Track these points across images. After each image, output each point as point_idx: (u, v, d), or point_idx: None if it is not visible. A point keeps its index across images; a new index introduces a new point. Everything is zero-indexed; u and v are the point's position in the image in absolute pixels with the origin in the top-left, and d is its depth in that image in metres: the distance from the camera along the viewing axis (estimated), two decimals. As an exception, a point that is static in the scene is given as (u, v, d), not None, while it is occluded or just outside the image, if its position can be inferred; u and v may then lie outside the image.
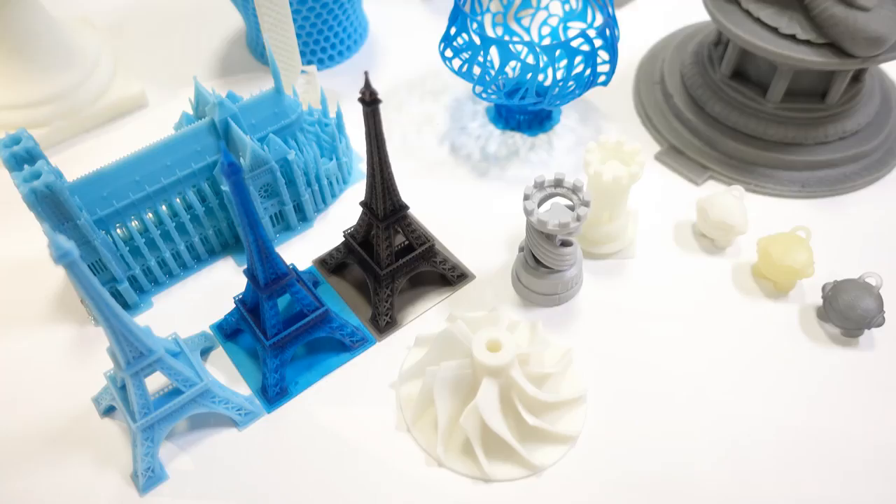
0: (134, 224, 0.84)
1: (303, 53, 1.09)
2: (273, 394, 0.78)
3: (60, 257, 0.55)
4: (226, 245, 0.92)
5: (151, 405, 0.71)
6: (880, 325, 0.79)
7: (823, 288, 0.82)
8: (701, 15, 1.01)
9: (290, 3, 0.97)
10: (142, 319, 0.85)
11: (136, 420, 0.70)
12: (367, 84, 0.66)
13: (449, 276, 0.87)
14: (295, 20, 1.03)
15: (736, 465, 0.73)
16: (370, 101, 0.68)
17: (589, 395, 0.78)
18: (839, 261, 0.86)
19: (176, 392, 0.73)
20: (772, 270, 0.84)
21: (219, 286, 0.89)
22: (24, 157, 0.75)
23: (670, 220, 0.93)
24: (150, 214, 0.84)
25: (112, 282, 0.83)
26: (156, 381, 0.74)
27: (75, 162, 0.98)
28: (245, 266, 0.75)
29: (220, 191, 0.86)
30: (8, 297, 0.88)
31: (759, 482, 0.72)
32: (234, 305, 0.81)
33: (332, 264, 0.88)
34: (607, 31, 0.90)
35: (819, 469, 0.73)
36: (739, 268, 0.88)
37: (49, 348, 0.84)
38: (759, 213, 0.92)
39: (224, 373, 0.81)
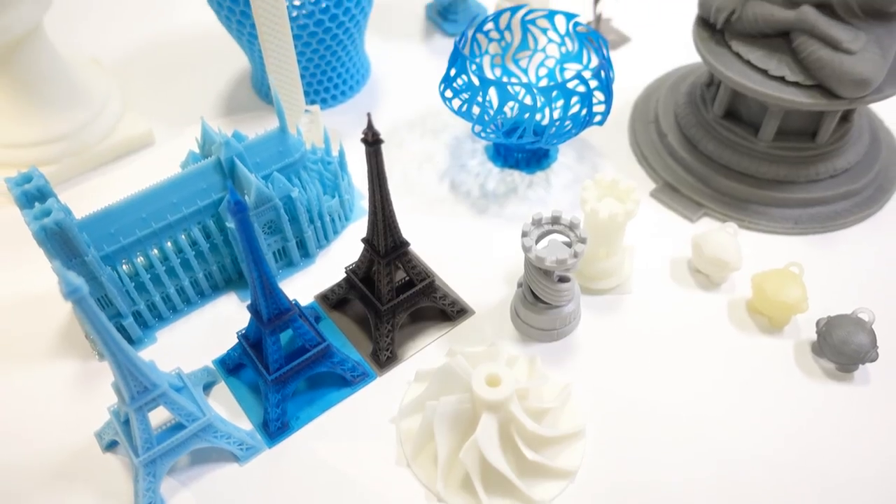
0: (140, 260, 0.85)
1: (306, 93, 1.12)
2: (274, 428, 0.79)
3: (70, 293, 0.57)
4: (229, 280, 0.93)
5: (154, 439, 0.72)
6: (874, 360, 0.80)
7: (817, 323, 0.83)
8: (693, 56, 1.04)
9: (295, 45, 1.00)
10: (146, 354, 0.86)
11: (138, 454, 0.71)
12: (370, 125, 0.69)
13: (449, 311, 0.88)
14: (299, 61, 1.06)
15: (734, 499, 0.74)
16: (373, 141, 0.70)
17: (587, 430, 0.79)
18: (832, 296, 0.88)
19: (178, 427, 0.74)
20: (766, 306, 0.85)
21: (221, 321, 0.90)
22: (35, 195, 0.77)
23: (666, 256, 0.95)
24: (156, 251, 0.86)
25: (117, 317, 0.84)
26: (158, 416, 0.75)
27: (83, 198, 1.00)
28: (248, 301, 0.77)
29: (224, 227, 0.88)
30: (14, 331, 0.90)
31: (757, 517, 0.72)
32: (236, 340, 0.83)
33: (334, 300, 0.90)
34: (602, 73, 0.93)
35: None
36: (735, 303, 0.89)
37: (53, 382, 0.85)
38: (753, 250, 0.93)
39: (226, 407, 0.82)
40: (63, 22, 1.27)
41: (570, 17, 1.01)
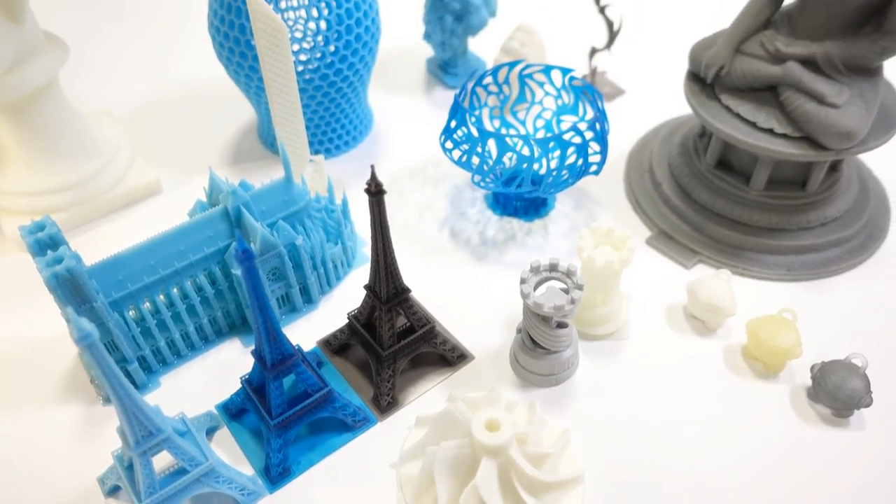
0: (146, 306, 0.87)
1: (311, 143, 1.15)
2: (276, 473, 0.79)
3: (81, 339, 0.58)
4: (233, 326, 0.95)
5: (157, 484, 0.72)
6: (868, 405, 0.81)
7: (812, 369, 0.85)
8: (685, 109, 1.07)
9: (300, 97, 1.04)
10: (150, 399, 0.87)
11: (141, 499, 0.71)
12: (374, 177, 0.71)
13: (449, 356, 0.90)
14: (304, 113, 1.09)
15: (733, 546, 0.74)
16: (375, 192, 0.73)
17: (587, 475, 0.79)
18: (825, 342, 0.89)
19: (181, 471, 0.74)
20: (761, 352, 0.87)
21: (225, 366, 0.91)
22: (48, 243, 0.79)
23: (662, 302, 0.96)
24: (162, 297, 0.88)
25: (122, 362, 0.86)
26: (161, 461, 0.76)
27: (92, 245, 1.03)
28: (251, 347, 0.78)
29: (229, 274, 0.90)
30: (20, 375, 0.91)
31: (756, 564, 0.72)
32: (239, 385, 0.84)
33: (336, 345, 0.91)
34: (598, 125, 0.96)
35: (816, 551, 0.73)
36: (730, 349, 0.91)
37: (57, 427, 0.85)
38: (747, 296, 0.95)
39: (228, 452, 0.83)
40: (77, 74, 1.31)
41: (565, 71, 1.05)
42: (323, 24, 1.01)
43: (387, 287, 0.82)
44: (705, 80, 0.99)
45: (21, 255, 1.04)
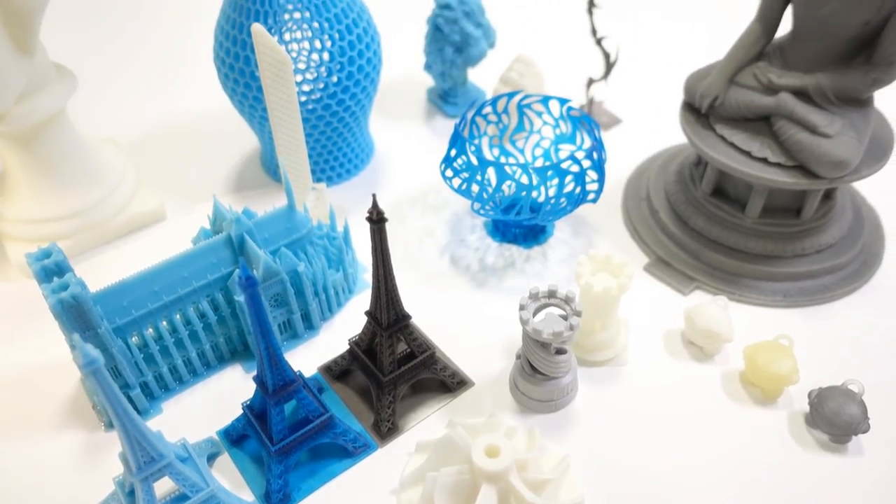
0: (149, 332, 0.88)
1: (313, 171, 1.17)
2: (276, 500, 0.80)
3: (87, 364, 0.59)
4: (234, 352, 0.96)
5: (158, 511, 0.73)
6: (866, 431, 0.81)
7: (809, 395, 0.85)
8: (681, 137, 1.09)
9: (303, 126, 1.06)
10: (152, 424, 0.88)
11: (142, 526, 0.72)
12: (375, 205, 0.73)
13: (449, 382, 0.90)
14: (307, 141, 1.11)
15: (733, 573, 0.74)
16: (377, 219, 0.74)
17: (586, 501, 0.79)
18: (822, 368, 0.90)
19: (183, 497, 0.75)
20: (759, 377, 0.88)
21: (226, 392, 0.92)
22: (54, 270, 0.80)
23: (660, 328, 0.97)
24: (165, 323, 0.89)
25: (125, 387, 0.86)
26: (162, 487, 0.76)
27: (96, 271, 1.04)
28: (253, 373, 0.79)
29: (232, 300, 0.91)
30: (22, 402, 0.91)
31: (756, 591, 0.72)
32: (240, 411, 0.84)
33: (337, 371, 0.92)
34: (595, 154, 0.98)
35: (816, 578, 0.73)
36: (728, 375, 0.92)
37: (59, 453, 0.86)
38: (744, 322, 0.96)
39: (229, 479, 0.83)
40: (83, 103, 1.34)
41: (563, 101, 1.07)
42: (326, 56, 1.04)
43: (387, 313, 0.83)
44: (700, 111, 1.01)
45: (26, 282, 1.05)
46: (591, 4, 1.17)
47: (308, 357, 0.95)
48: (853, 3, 0.86)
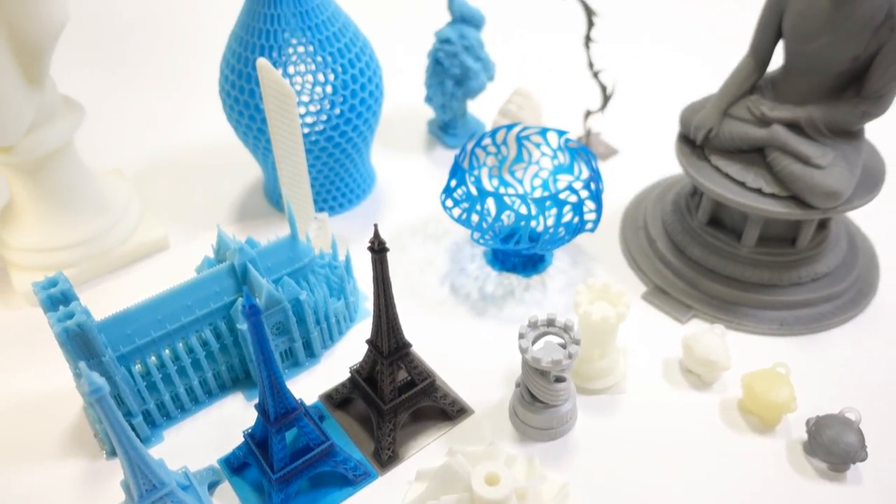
0: (152, 360, 0.89)
1: (315, 201, 1.19)
2: (277, 528, 0.80)
3: (93, 392, 0.60)
4: (236, 380, 0.96)
5: (159, 539, 0.73)
6: (863, 459, 0.82)
7: (807, 423, 0.86)
8: (677, 168, 1.11)
9: (306, 158, 1.08)
10: (153, 452, 0.88)
11: (143, 554, 0.72)
12: (377, 235, 0.74)
13: (449, 410, 0.91)
14: (310, 172, 1.13)
15: None
16: (378, 249, 0.75)
17: (586, 531, 0.80)
18: (820, 396, 0.91)
19: (183, 526, 0.75)
20: (756, 406, 0.88)
21: (227, 420, 0.92)
22: (60, 299, 0.81)
23: (658, 356, 0.98)
24: (168, 351, 0.90)
25: (127, 416, 0.87)
26: (163, 516, 0.76)
27: (100, 300, 1.05)
28: (254, 401, 0.80)
29: (234, 328, 0.92)
30: (23, 430, 0.92)
31: None
32: (241, 439, 0.85)
33: (338, 399, 0.93)
34: (592, 185, 1.00)
35: None
36: (726, 403, 0.92)
37: (60, 481, 0.86)
38: (741, 350, 0.97)
39: (229, 507, 0.83)
40: (89, 134, 1.36)
41: (561, 133, 1.09)
42: (329, 89, 1.06)
43: (388, 341, 0.84)
44: (695, 142, 1.03)
45: (30, 310, 1.06)
46: (588, 39, 1.20)
47: (309, 385, 0.96)
48: (842, 40, 0.89)
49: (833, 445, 0.82)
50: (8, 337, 1.04)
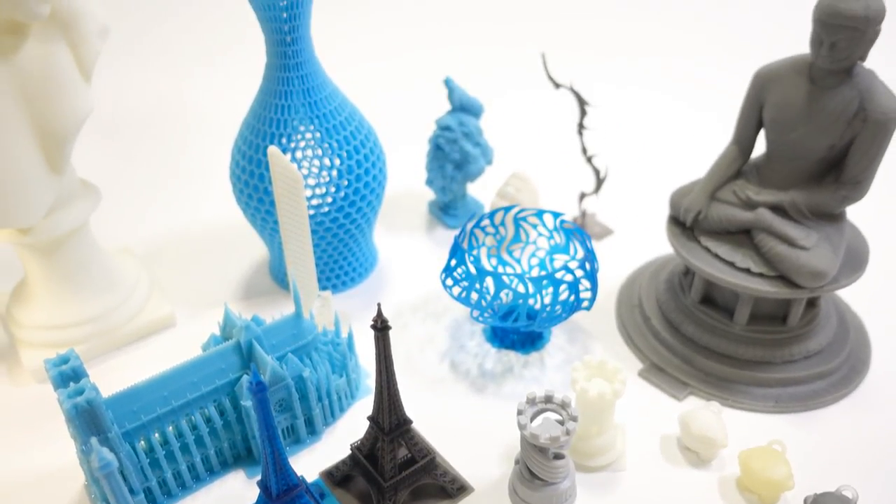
0: (155, 437, 0.90)
1: (319, 279, 1.22)
2: None
3: (103, 468, 0.62)
4: (238, 457, 0.97)
5: None
6: (862, 538, 0.82)
7: (805, 501, 0.86)
8: (670, 247, 1.15)
9: (312, 238, 1.12)
10: (153, 532, 0.88)
11: None
12: (380, 314, 0.77)
13: (449, 488, 0.91)
14: (315, 251, 1.17)
15: None
16: (381, 327, 0.78)
17: None
18: (816, 474, 0.91)
19: None
20: (755, 483, 0.89)
21: (228, 498, 0.92)
22: (70, 376, 0.84)
23: (657, 433, 0.99)
24: (172, 427, 0.91)
25: (129, 493, 0.87)
26: None
27: (106, 376, 1.06)
28: (255, 478, 0.80)
29: (238, 405, 0.94)
30: (25, 509, 0.92)
31: None
32: (242, 517, 0.85)
33: (338, 476, 0.93)
34: (587, 264, 1.03)
35: None
36: (725, 481, 0.93)
37: (59, 562, 0.86)
38: (738, 427, 0.98)
39: (228, 588, 0.83)
40: (102, 213, 1.41)
41: (556, 215, 1.14)
42: (335, 173, 1.12)
43: (389, 418, 0.86)
44: (685, 224, 1.07)
45: (37, 387, 1.08)
46: (581, 126, 1.27)
47: (310, 462, 0.97)
48: (818, 130, 0.94)
49: (832, 524, 0.82)
50: (12, 414, 1.05)
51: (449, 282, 1.07)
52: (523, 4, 2.23)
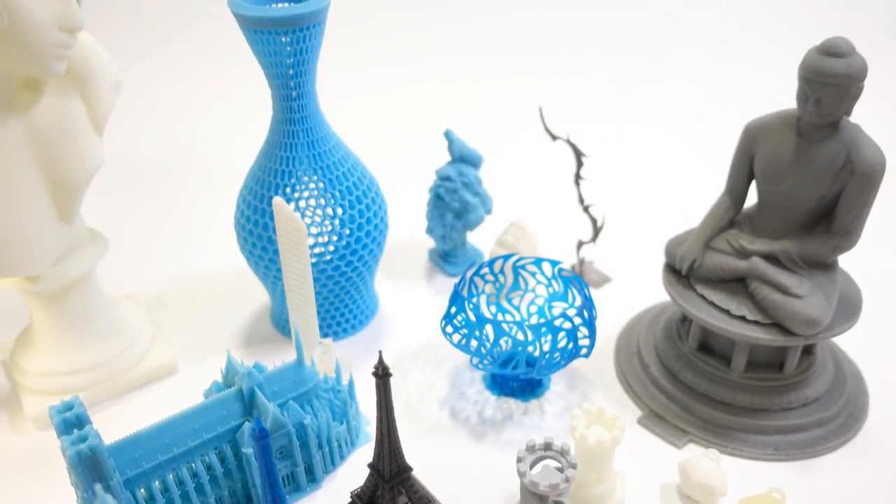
0: (156, 484, 0.90)
1: (320, 327, 1.23)
2: None
3: (106, 515, 0.62)
4: (237, 506, 0.97)
5: None
6: (864, 588, 0.82)
7: (806, 550, 0.86)
8: (667, 295, 1.17)
9: (314, 286, 1.14)
10: (151, 582, 0.88)
11: None
12: (381, 361, 0.79)
13: (449, 537, 0.91)
14: (316, 299, 1.19)
15: None
16: (382, 375, 0.79)
17: None
18: (817, 523, 0.91)
19: None
20: (755, 532, 0.89)
21: (227, 548, 0.92)
22: (74, 422, 0.84)
23: (656, 481, 0.99)
24: (173, 475, 0.91)
25: (129, 542, 0.87)
26: None
27: (108, 423, 1.07)
28: (257, 526, 0.80)
29: (239, 452, 0.94)
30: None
31: None
32: (241, 567, 0.85)
33: (338, 525, 0.93)
34: (585, 312, 1.05)
35: None
36: (725, 530, 0.93)
37: None
38: (738, 475, 0.98)
39: None
40: (107, 260, 1.43)
41: (554, 263, 1.16)
42: (337, 223, 1.14)
43: (390, 465, 0.86)
44: (681, 272, 1.09)
45: (38, 434, 1.08)
46: (578, 177, 1.30)
47: (310, 511, 0.96)
48: (807, 181, 0.97)
49: (834, 574, 0.82)
50: (13, 461, 1.05)
51: (449, 329, 1.09)
52: (521, 61, 2.30)
